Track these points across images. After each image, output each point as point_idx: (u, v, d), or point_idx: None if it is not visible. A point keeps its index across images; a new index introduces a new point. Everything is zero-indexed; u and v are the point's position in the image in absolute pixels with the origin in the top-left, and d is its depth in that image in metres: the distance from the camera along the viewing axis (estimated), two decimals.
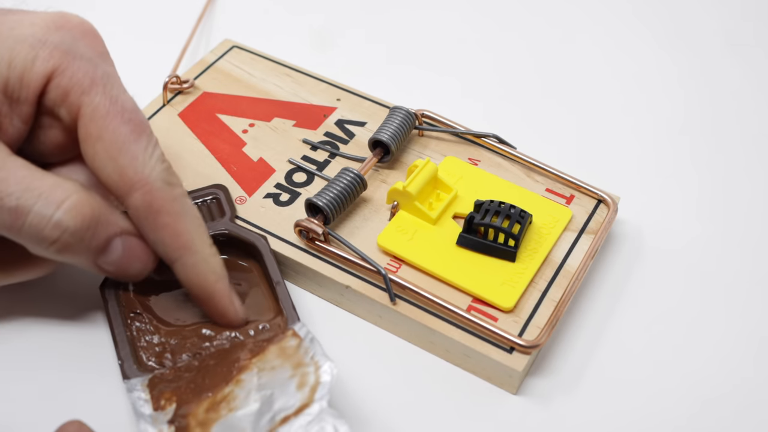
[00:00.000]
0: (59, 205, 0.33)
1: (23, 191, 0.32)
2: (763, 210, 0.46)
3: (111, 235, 0.34)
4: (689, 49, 0.56)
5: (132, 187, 0.34)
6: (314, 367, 0.32)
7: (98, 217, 0.34)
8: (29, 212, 0.32)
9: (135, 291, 0.38)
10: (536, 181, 0.43)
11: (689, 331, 0.40)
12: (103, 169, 0.34)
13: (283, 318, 0.37)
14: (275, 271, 0.38)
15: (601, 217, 0.42)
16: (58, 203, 0.33)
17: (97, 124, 0.34)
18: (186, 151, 0.44)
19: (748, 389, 0.38)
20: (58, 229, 0.33)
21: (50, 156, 0.36)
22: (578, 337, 0.39)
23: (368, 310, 0.39)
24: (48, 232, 0.33)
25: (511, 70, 0.54)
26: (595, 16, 0.58)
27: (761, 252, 0.44)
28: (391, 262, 0.39)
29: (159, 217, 0.34)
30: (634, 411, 0.37)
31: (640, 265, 0.42)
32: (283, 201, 0.42)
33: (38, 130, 0.36)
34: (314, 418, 0.30)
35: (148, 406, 0.33)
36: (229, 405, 0.32)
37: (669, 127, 0.50)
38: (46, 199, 0.32)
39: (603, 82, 0.53)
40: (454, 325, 0.37)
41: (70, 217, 0.33)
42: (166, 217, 0.34)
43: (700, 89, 0.53)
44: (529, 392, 0.37)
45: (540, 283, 0.39)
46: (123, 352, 0.35)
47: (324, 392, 0.31)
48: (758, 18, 0.58)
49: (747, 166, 0.48)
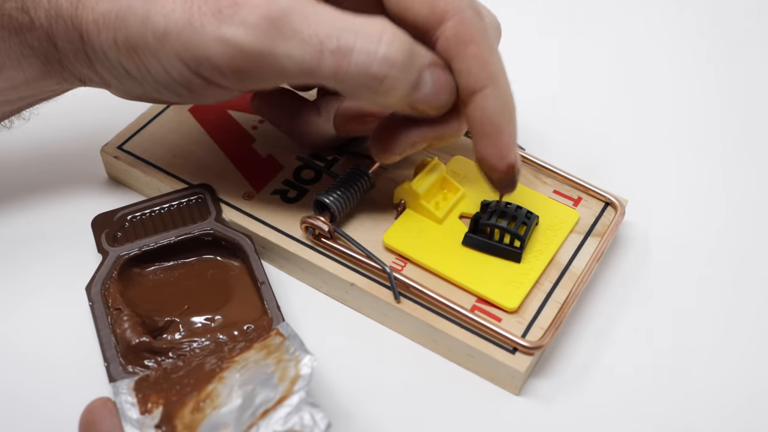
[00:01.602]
0: (380, 39, 0.32)
1: (341, 30, 0.32)
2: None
3: (422, 67, 0.33)
4: (698, 52, 0.56)
5: (444, 16, 0.33)
6: (294, 361, 0.32)
7: (413, 47, 0.33)
8: (353, 50, 0.32)
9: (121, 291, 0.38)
10: (544, 182, 0.43)
11: (694, 335, 0.40)
12: (412, 5, 0.34)
13: (267, 318, 0.37)
14: (260, 271, 0.38)
15: (608, 220, 0.42)
16: (378, 36, 0.32)
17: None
18: (195, 146, 0.44)
19: (752, 392, 0.38)
20: (386, 64, 0.32)
21: None
22: (582, 339, 0.39)
23: (373, 307, 0.39)
24: (376, 68, 0.32)
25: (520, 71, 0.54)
26: (605, 18, 0.58)
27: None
28: (397, 260, 0.39)
29: (469, 46, 0.34)
30: (636, 413, 0.37)
31: (645, 269, 0.42)
32: (290, 197, 0.42)
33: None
34: (293, 409, 0.30)
35: (135, 410, 0.33)
36: (213, 403, 0.32)
37: (678, 131, 0.50)
38: (366, 35, 0.32)
39: (611, 85, 0.53)
40: (457, 324, 0.37)
41: (394, 49, 0.32)
42: (475, 47, 0.34)
43: (708, 92, 0.53)
44: (531, 393, 0.37)
45: (545, 284, 0.39)
46: (109, 354, 0.35)
47: (303, 384, 0.31)
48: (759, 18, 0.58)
49: (755, 171, 0.48)
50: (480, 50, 0.34)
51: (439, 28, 0.34)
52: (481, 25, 0.34)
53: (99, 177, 0.45)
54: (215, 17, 0.32)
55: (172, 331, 0.37)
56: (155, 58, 0.33)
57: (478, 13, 0.34)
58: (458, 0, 0.34)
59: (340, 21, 0.32)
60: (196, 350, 0.36)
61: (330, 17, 0.32)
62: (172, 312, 0.38)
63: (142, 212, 0.41)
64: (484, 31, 0.34)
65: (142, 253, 0.39)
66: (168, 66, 0.34)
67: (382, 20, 0.33)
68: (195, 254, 0.40)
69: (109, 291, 0.37)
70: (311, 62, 0.32)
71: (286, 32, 0.32)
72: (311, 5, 0.32)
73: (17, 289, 0.40)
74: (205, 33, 0.32)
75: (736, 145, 0.50)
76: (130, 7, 0.33)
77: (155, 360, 0.36)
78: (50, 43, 0.35)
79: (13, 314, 0.39)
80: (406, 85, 0.33)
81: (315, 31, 0.32)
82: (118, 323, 0.36)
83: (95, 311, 0.37)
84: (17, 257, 0.41)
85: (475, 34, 0.34)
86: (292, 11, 0.32)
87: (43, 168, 0.45)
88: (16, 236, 0.42)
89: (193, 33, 0.32)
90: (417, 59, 0.33)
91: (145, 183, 0.43)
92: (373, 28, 0.32)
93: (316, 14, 0.32)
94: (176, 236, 0.40)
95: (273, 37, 0.32)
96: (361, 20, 0.32)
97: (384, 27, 0.32)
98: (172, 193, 0.41)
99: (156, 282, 0.39)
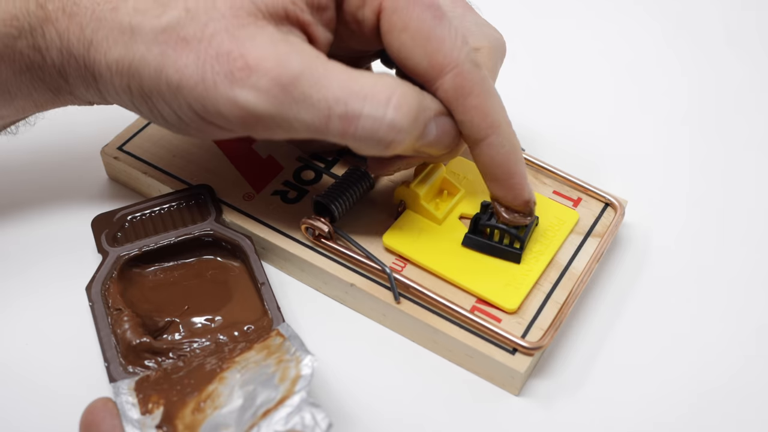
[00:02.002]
0: (387, 104, 0.32)
1: (349, 95, 0.32)
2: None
3: (428, 120, 0.34)
4: (698, 52, 0.56)
5: (442, 70, 0.34)
6: (295, 361, 0.32)
7: (420, 105, 0.34)
8: (360, 116, 0.32)
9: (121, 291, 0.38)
10: (544, 183, 0.43)
11: (694, 335, 0.40)
12: (411, 57, 0.34)
13: (268, 318, 0.37)
14: (260, 271, 0.39)
15: (608, 221, 0.42)
16: (386, 102, 0.32)
17: (401, 16, 0.34)
18: (195, 147, 0.44)
19: (753, 394, 0.38)
20: (393, 129, 0.33)
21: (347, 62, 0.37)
22: (581, 339, 0.39)
23: (372, 308, 0.39)
24: (383, 133, 0.33)
25: (519, 72, 0.54)
26: (606, 18, 0.58)
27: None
28: (397, 261, 0.39)
29: (469, 98, 0.34)
30: (636, 414, 0.37)
31: (645, 269, 0.42)
32: (290, 198, 0.42)
33: (338, 36, 0.36)
34: (294, 409, 0.30)
35: (136, 410, 0.33)
36: (213, 403, 0.32)
37: (678, 131, 0.50)
38: (374, 100, 0.32)
39: (611, 85, 0.53)
40: (457, 325, 0.37)
41: (401, 114, 0.33)
42: (475, 99, 0.34)
43: (709, 92, 0.53)
44: (531, 394, 0.37)
45: (545, 285, 0.39)
46: (109, 354, 0.35)
47: (304, 384, 0.31)
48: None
49: (755, 171, 0.48)
50: (480, 101, 0.35)
51: (439, 80, 0.34)
52: (480, 76, 0.34)
53: (99, 177, 0.45)
54: (227, 78, 0.32)
55: (173, 332, 0.37)
56: (168, 105, 0.34)
57: (476, 65, 0.35)
58: (456, 52, 0.34)
59: (348, 84, 0.32)
60: (197, 350, 0.36)
61: (339, 79, 0.32)
62: (172, 312, 0.38)
63: (142, 213, 0.41)
64: (483, 81, 0.35)
65: (143, 254, 0.39)
66: (180, 113, 0.34)
67: (390, 81, 0.33)
68: (195, 255, 0.40)
69: (110, 291, 0.38)
70: (319, 125, 0.33)
71: (296, 96, 0.32)
72: (322, 65, 0.33)
73: (17, 289, 0.40)
74: (218, 92, 0.32)
75: (736, 146, 0.50)
76: (143, 59, 0.33)
77: (155, 360, 0.36)
78: (62, 78, 0.36)
79: (13, 314, 0.39)
80: (412, 139, 0.34)
81: (324, 95, 0.32)
82: (119, 323, 0.36)
83: (95, 311, 0.37)
84: (18, 257, 0.41)
85: (474, 86, 0.34)
86: (302, 75, 0.32)
87: (44, 169, 0.45)
88: (16, 236, 0.42)
89: (206, 90, 0.32)
90: (423, 115, 0.34)
91: (145, 183, 0.43)
92: (382, 91, 0.33)
93: (326, 77, 0.32)
94: (176, 237, 0.40)
95: (283, 102, 0.32)
96: (371, 81, 0.33)
97: (392, 89, 0.33)
98: (172, 193, 0.42)
99: (156, 282, 0.39)
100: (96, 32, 0.34)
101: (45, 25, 0.34)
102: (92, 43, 0.34)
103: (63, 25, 0.34)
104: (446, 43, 0.34)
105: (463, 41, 0.34)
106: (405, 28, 0.34)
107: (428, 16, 0.34)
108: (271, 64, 0.32)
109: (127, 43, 0.33)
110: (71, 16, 0.34)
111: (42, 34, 0.35)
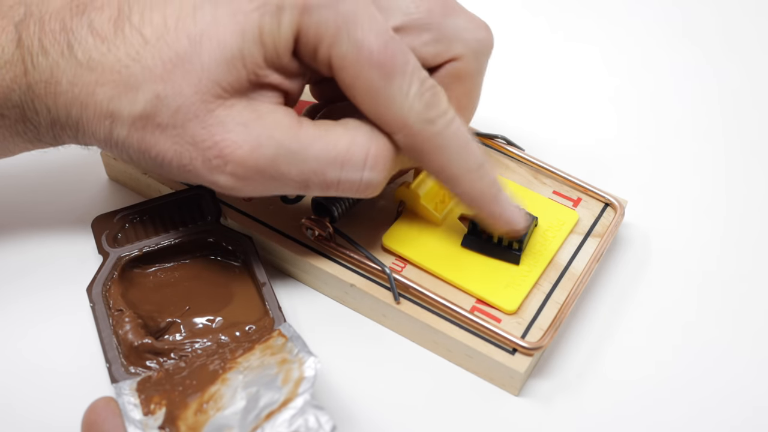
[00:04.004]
0: (364, 166, 0.34)
1: (326, 166, 0.34)
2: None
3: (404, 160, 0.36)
4: (698, 52, 0.56)
5: (392, 130, 0.34)
6: (298, 363, 0.32)
7: (394, 155, 0.35)
8: (339, 182, 0.34)
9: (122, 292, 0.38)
10: (543, 183, 0.44)
11: (694, 336, 0.40)
12: (366, 113, 0.34)
13: (269, 319, 0.37)
14: (261, 271, 0.39)
15: (608, 221, 0.42)
16: (362, 165, 0.34)
17: (348, 74, 0.33)
18: None
19: (752, 393, 0.38)
20: (369, 186, 0.35)
21: (323, 100, 0.38)
22: (581, 339, 0.39)
23: (372, 308, 0.39)
24: (362, 189, 0.35)
25: (519, 73, 0.54)
26: (606, 18, 0.58)
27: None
28: (396, 261, 0.39)
29: (422, 156, 0.35)
30: (636, 414, 0.37)
31: (645, 269, 0.42)
32: (290, 199, 0.42)
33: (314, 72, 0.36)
34: (297, 411, 0.30)
35: (138, 411, 0.33)
36: (216, 404, 0.32)
37: (677, 131, 0.50)
38: (350, 164, 0.34)
39: (611, 85, 0.53)
40: (457, 325, 0.37)
41: (377, 172, 0.34)
42: (427, 157, 0.35)
43: (709, 92, 0.53)
44: (531, 394, 0.37)
45: (544, 285, 0.39)
46: (110, 355, 0.36)
47: (308, 386, 0.31)
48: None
49: (755, 171, 0.48)
50: (433, 158, 0.35)
51: (392, 136, 0.35)
52: (431, 132, 0.34)
53: (99, 178, 0.45)
54: (205, 166, 0.33)
55: (174, 332, 0.37)
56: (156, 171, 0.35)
57: (428, 121, 0.34)
58: (405, 111, 0.33)
59: (325, 152, 0.33)
60: (198, 351, 0.36)
61: (315, 150, 0.33)
62: (173, 313, 0.38)
63: (142, 213, 0.41)
64: (434, 137, 0.34)
65: (143, 254, 0.39)
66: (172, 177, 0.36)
67: (364, 134, 0.34)
68: (196, 255, 0.40)
69: (110, 292, 0.38)
70: (300, 190, 0.34)
71: (274, 176, 0.33)
72: (296, 139, 0.33)
73: (18, 290, 0.40)
74: (199, 174, 0.34)
75: (736, 146, 0.50)
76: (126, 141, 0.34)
77: (157, 361, 0.36)
78: (53, 138, 0.37)
79: (13, 316, 0.39)
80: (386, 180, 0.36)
81: (301, 170, 0.33)
82: (120, 324, 0.36)
83: (96, 312, 0.37)
84: (18, 258, 0.41)
85: (424, 143, 0.34)
86: (277, 157, 0.33)
87: (44, 169, 0.45)
88: (16, 237, 0.42)
89: (188, 171, 0.34)
90: (399, 160, 0.35)
91: (145, 184, 0.43)
92: (357, 153, 0.34)
93: (301, 151, 0.33)
94: (177, 237, 0.40)
95: (262, 182, 0.34)
96: (346, 142, 0.34)
97: (367, 146, 0.34)
98: (172, 194, 0.42)
99: (157, 283, 0.39)
100: (81, 116, 0.34)
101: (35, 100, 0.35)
102: (79, 124, 0.35)
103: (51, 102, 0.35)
104: (395, 103, 0.33)
105: (416, 96, 0.33)
106: (353, 86, 0.33)
107: (375, 75, 0.33)
108: (244, 151, 0.33)
109: (110, 128, 0.34)
110: (56, 96, 0.34)
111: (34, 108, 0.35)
